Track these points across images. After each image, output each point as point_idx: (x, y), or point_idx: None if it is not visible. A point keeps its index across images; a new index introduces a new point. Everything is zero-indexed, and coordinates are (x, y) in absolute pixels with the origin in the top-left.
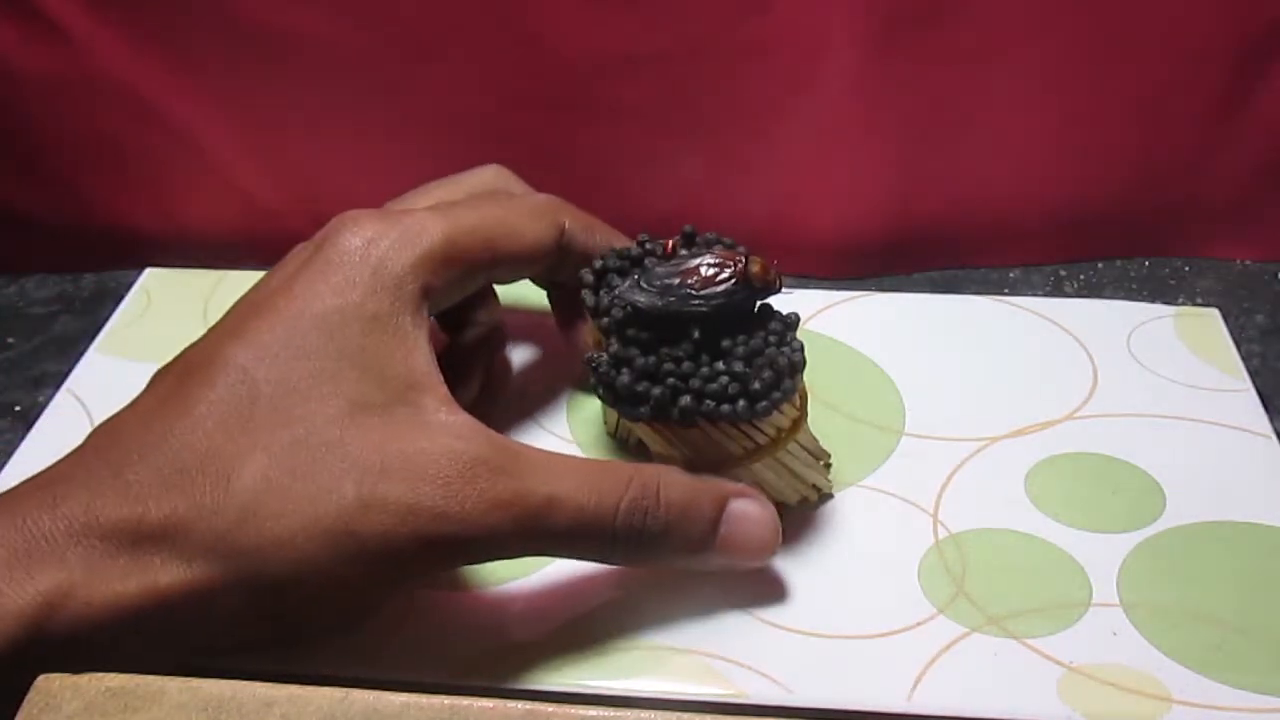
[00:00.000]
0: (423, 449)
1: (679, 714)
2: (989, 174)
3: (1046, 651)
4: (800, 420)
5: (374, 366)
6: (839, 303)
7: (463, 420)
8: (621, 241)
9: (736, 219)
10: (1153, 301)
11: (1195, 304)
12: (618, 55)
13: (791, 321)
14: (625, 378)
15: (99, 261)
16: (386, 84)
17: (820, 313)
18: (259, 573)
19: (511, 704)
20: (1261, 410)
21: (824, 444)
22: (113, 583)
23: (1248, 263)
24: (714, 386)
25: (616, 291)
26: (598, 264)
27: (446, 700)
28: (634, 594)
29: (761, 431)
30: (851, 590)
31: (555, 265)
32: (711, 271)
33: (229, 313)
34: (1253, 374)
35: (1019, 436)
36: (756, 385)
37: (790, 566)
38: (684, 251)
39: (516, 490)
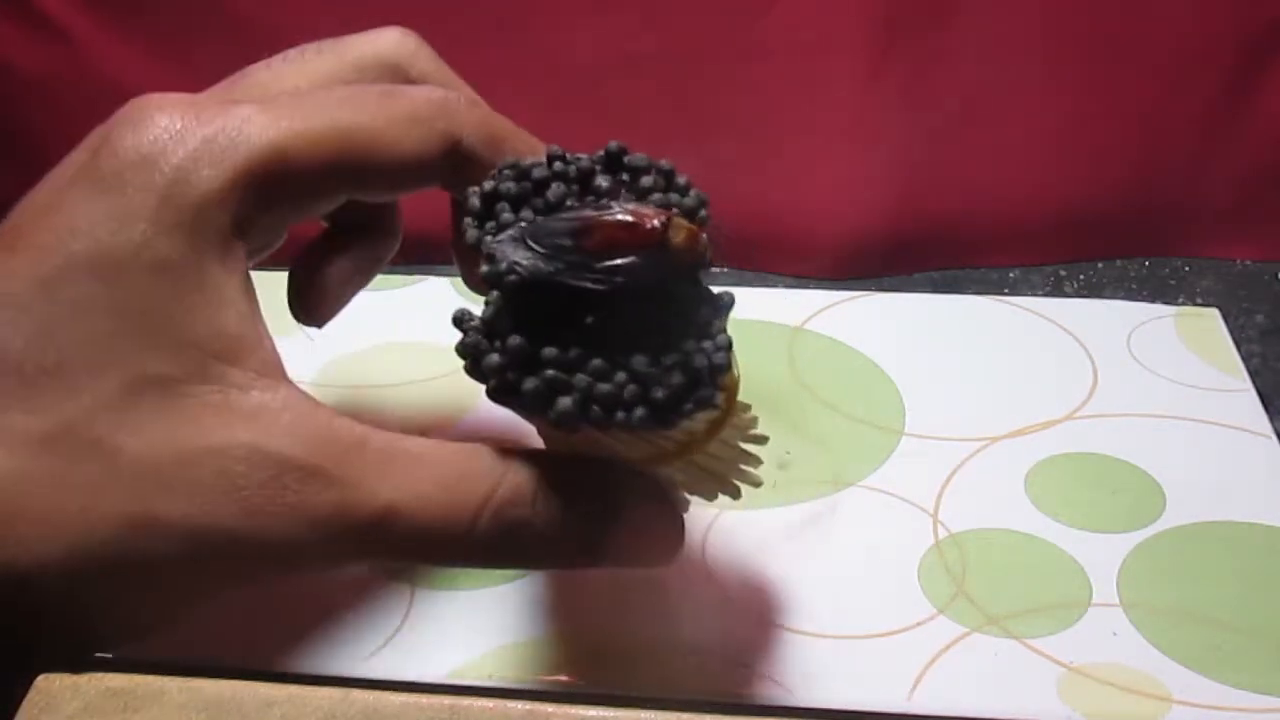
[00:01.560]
0: (216, 448)
1: (679, 714)
2: (989, 174)
3: (1046, 651)
4: (723, 420)
5: (164, 330)
6: (839, 303)
7: (282, 400)
8: (538, 152)
9: (736, 219)
10: (1153, 301)
11: (1195, 304)
12: (618, 55)
13: (723, 304)
14: (495, 358)
15: None
16: None
17: (820, 313)
18: (17, 593)
19: (511, 704)
20: (1261, 410)
21: (825, 445)
22: None
23: (1248, 263)
24: (605, 389)
25: (492, 242)
26: (487, 185)
27: (446, 700)
28: (634, 594)
29: (667, 438)
30: (851, 590)
31: (451, 184)
32: (618, 233)
33: None
34: (1253, 374)
35: (1019, 436)
36: (661, 392)
37: (790, 566)
38: (600, 184)
39: (339, 502)
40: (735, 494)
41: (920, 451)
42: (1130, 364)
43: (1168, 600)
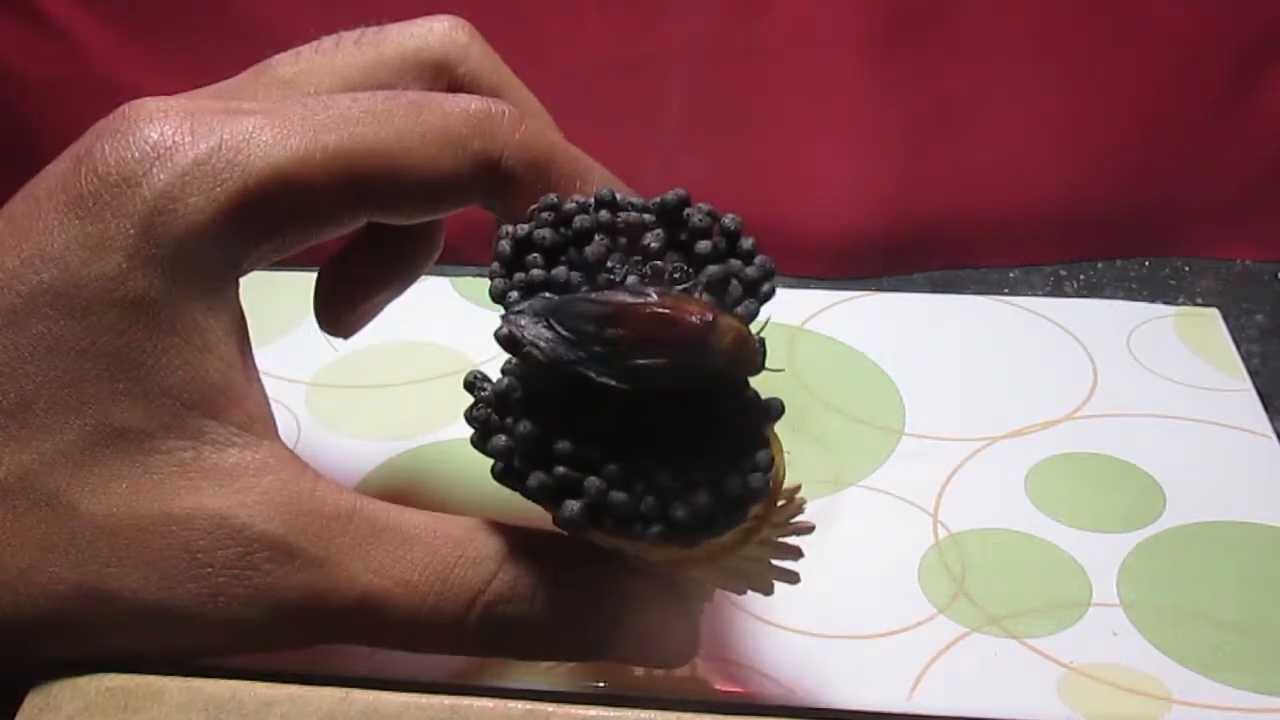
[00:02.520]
0: (179, 516)
1: (679, 714)
2: (989, 174)
3: (1046, 651)
4: (760, 526)
5: (135, 375)
6: (839, 303)
7: (261, 460)
8: (590, 181)
9: None
10: (1153, 301)
11: (1195, 304)
12: (618, 55)
13: (771, 413)
14: (503, 441)
15: None
16: None
17: (820, 313)
18: None
19: (511, 704)
20: (1261, 410)
21: (825, 445)
22: None
23: (1248, 263)
24: (619, 498)
25: (511, 314)
26: (520, 229)
27: (446, 700)
28: None
29: (689, 549)
30: (851, 590)
31: (491, 202)
32: (653, 328)
33: None
34: (1253, 374)
35: (1019, 436)
36: (683, 513)
37: (790, 566)
38: (650, 245)
39: (313, 585)
40: (768, 591)
41: (920, 451)
42: (1130, 364)
43: (1168, 600)
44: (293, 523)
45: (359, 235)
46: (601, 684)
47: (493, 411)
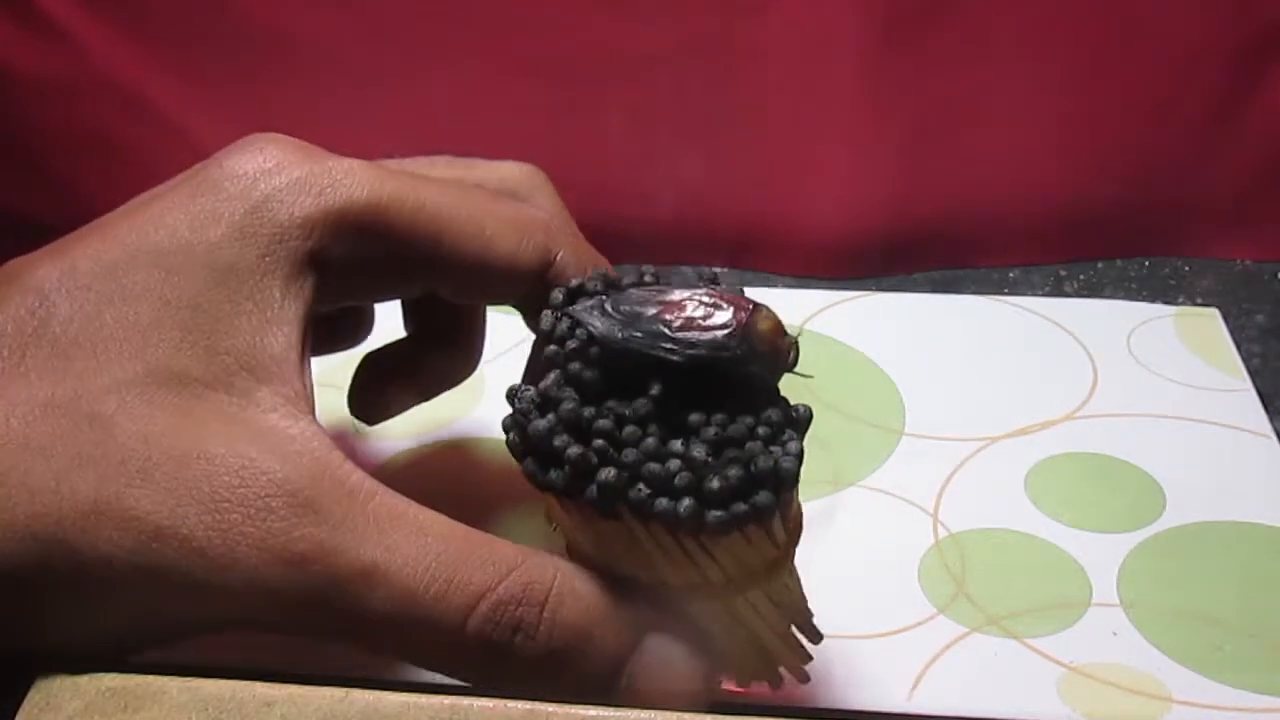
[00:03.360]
0: (210, 454)
1: (679, 714)
2: (989, 174)
3: (1046, 651)
4: (779, 564)
5: (205, 331)
6: (839, 303)
7: (299, 431)
8: None
9: (736, 219)
10: (1153, 301)
11: (1195, 304)
12: (617, 55)
13: (800, 417)
14: (543, 423)
15: None
16: (386, 84)
17: (820, 313)
18: None
19: (511, 704)
20: (1261, 410)
21: (825, 445)
22: None
23: (1248, 263)
24: (655, 468)
25: (571, 310)
26: (575, 283)
27: (446, 700)
28: None
29: (712, 558)
30: (851, 590)
31: (534, 306)
32: (701, 311)
33: (81, 229)
34: (1253, 374)
35: (1019, 436)
36: (716, 484)
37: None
38: (676, 281)
39: (323, 543)
40: (776, 680)
41: (920, 451)
42: (1130, 364)
43: (1168, 600)
44: (317, 481)
45: (405, 336)
46: None
47: (534, 408)
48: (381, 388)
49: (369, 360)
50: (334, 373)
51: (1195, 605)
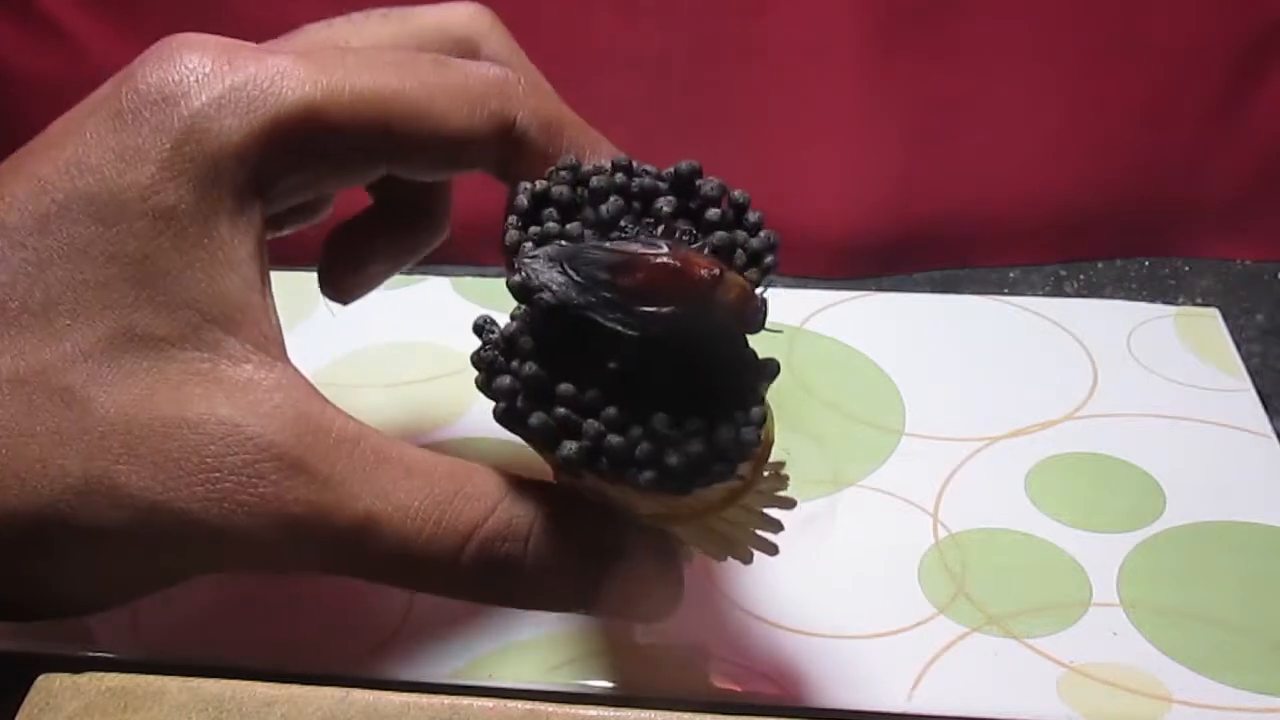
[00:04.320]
0: (192, 420)
1: (679, 714)
2: (989, 173)
3: (1046, 651)
4: (744, 490)
5: (160, 283)
6: (839, 303)
7: (274, 379)
8: (605, 155)
9: None
10: (1153, 301)
11: (1195, 304)
12: (617, 55)
13: (767, 371)
14: (507, 381)
15: None
16: None
17: (820, 313)
18: None
19: (511, 704)
20: (1261, 410)
21: (825, 445)
22: None
23: (1248, 263)
24: (616, 442)
25: (526, 256)
26: (539, 184)
27: (446, 700)
28: None
29: (679, 502)
30: (851, 590)
31: (502, 169)
32: (660, 277)
33: None
34: (1253, 374)
35: (1019, 436)
36: (675, 459)
37: (790, 566)
38: (662, 208)
39: (316, 502)
40: (747, 559)
41: (920, 451)
42: (1130, 364)
43: (1168, 600)
44: (302, 438)
45: (371, 206)
46: (601, 683)
47: (499, 354)
48: (351, 263)
49: (335, 236)
50: (333, 371)
51: (1195, 605)
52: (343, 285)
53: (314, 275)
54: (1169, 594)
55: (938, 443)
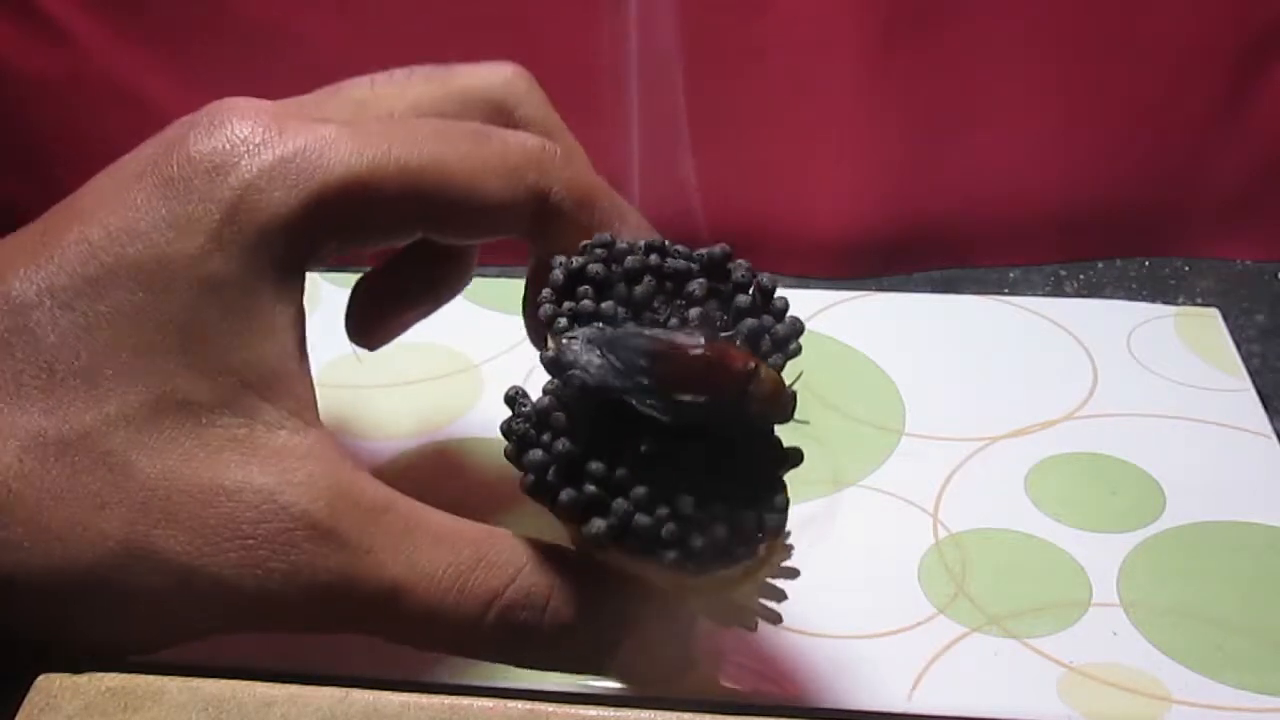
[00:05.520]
0: (230, 488)
1: (679, 714)
2: (989, 174)
3: (1046, 651)
4: (758, 568)
5: (203, 352)
6: (839, 303)
7: (309, 446)
8: (633, 227)
9: (736, 219)
10: (1153, 301)
11: (1195, 304)
12: (617, 55)
13: (791, 460)
14: (538, 455)
15: None
16: None
17: (820, 313)
18: None
19: (511, 704)
20: (1261, 410)
21: (825, 445)
22: None
23: (1248, 263)
24: (644, 521)
25: (565, 338)
26: (575, 261)
27: (446, 700)
28: None
29: (697, 581)
30: (851, 590)
31: (535, 237)
32: (700, 370)
33: (38, 222)
34: (1253, 374)
35: (1019, 436)
36: (700, 542)
37: (790, 566)
38: (694, 292)
39: (348, 572)
40: (753, 627)
41: (920, 451)
42: (1130, 364)
43: (1168, 600)
44: (334, 507)
45: (397, 254)
46: (601, 683)
47: (531, 427)
48: (381, 312)
49: (364, 286)
50: (336, 371)
51: (1195, 605)
52: (372, 333)
53: (318, 277)
54: (1169, 594)
55: (938, 443)
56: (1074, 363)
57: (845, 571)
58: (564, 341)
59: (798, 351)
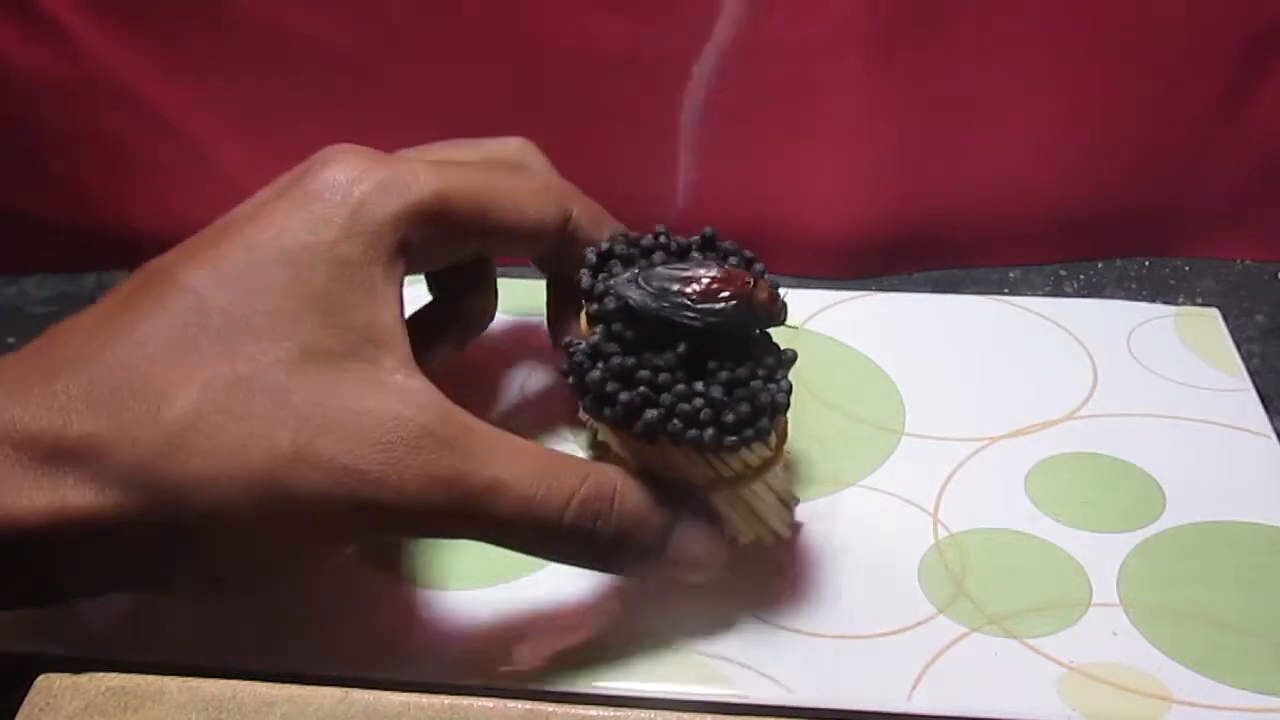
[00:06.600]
0: (369, 409)
1: (679, 714)
2: (989, 174)
3: (1046, 651)
4: (773, 461)
5: (336, 314)
6: (839, 303)
7: (419, 386)
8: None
9: (737, 219)
10: (1153, 301)
11: (1195, 304)
12: (617, 55)
13: (787, 359)
14: (597, 373)
15: (99, 261)
16: (387, 84)
17: (820, 313)
18: (174, 510)
19: (511, 704)
20: (1261, 410)
21: (825, 445)
22: (20, 495)
23: (1248, 263)
24: (685, 407)
25: (611, 281)
26: (604, 245)
27: (446, 700)
28: (634, 594)
29: (727, 464)
30: (851, 590)
31: (556, 253)
32: (714, 286)
33: (198, 235)
34: (1253, 374)
35: (1019, 436)
36: (730, 417)
37: (790, 566)
38: (695, 255)
39: (460, 468)
40: (770, 537)
41: (920, 451)
42: (1130, 364)
43: (1168, 600)
44: (446, 424)
45: (431, 301)
46: (601, 683)
47: (586, 358)
48: (422, 345)
49: (408, 324)
50: None
51: (1195, 605)
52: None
53: None
54: (1169, 594)
55: (938, 443)
56: (1074, 363)
57: (845, 571)
58: (613, 283)
59: (764, 272)
